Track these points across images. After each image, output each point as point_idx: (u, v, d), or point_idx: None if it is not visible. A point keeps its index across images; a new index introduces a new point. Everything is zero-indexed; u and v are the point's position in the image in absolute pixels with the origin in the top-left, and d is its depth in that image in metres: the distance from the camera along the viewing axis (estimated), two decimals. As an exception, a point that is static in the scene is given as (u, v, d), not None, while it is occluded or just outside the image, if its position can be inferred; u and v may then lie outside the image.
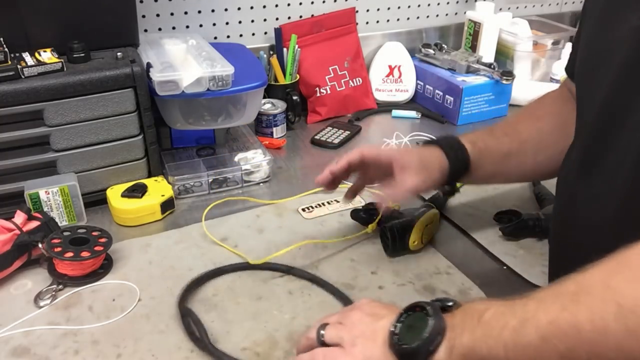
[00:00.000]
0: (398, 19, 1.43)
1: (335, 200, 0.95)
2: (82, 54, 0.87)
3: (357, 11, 1.36)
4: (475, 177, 0.78)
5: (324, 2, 1.31)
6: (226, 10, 1.23)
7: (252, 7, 1.25)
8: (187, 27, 1.20)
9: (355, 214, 0.88)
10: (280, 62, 1.22)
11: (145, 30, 1.16)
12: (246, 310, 0.71)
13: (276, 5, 1.27)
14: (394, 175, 0.74)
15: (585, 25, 0.67)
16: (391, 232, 0.80)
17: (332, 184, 0.79)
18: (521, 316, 0.46)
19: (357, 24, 1.36)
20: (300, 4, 1.29)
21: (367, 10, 1.38)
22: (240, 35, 1.27)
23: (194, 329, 0.66)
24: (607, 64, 0.57)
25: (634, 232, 0.51)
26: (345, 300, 0.72)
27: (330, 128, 1.23)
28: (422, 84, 1.37)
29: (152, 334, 0.67)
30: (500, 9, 1.51)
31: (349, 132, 1.21)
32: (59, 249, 0.74)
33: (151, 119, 0.92)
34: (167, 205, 0.91)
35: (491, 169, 0.77)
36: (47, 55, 0.84)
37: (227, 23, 1.24)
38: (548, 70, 1.42)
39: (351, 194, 0.84)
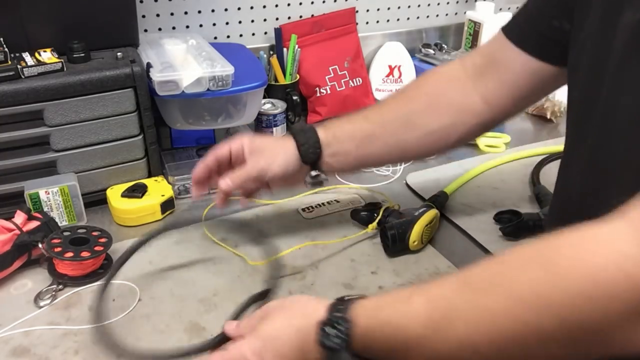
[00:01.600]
0: (398, 19, 1.43)
1: (335, 201, 0.95)
2: (82, 54, 0.87)
3: (357, 11, 1.36)
4: (336, 161, 0.77)
5: (324, 2, 1.31)
6: (226, 10, 1.23)
7: (252, 7, 1.25)
8: (187, 27, 1.20)
9: (355, 214, 0.88)
10: (280, 62, 1.22)
11: (145, 30, 1.16)
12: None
13: (276, 5, 1.27)
14: (245, 160, 0.75)
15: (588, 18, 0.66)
16: (391, 232, 0.80)
17: (205, 182, 0.79)
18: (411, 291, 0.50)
19: (357, 24, 1.36)
20: (300, 4, 1.29)
21: (367, 10, 1.38)
22: (240, 35, 1.27)
23: None
24: (604, 59, 0.57)
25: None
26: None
27: (330, 128, 1.23)
28: (422, 84, 1.37)
29: (152, 334, 0.67)
30: (500, 9, 1.51)
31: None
32: (59, 249, 0.74)
33: (151, 119, 0.92)
34: (167, 205, 0.91)
35: (352, 153, 0.77)
36: (47, 55, 0.84)
37: (227, 23, 1.24)
38: (548, 70, 1.41)
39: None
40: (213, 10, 1.21)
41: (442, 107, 0.76)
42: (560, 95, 1.24)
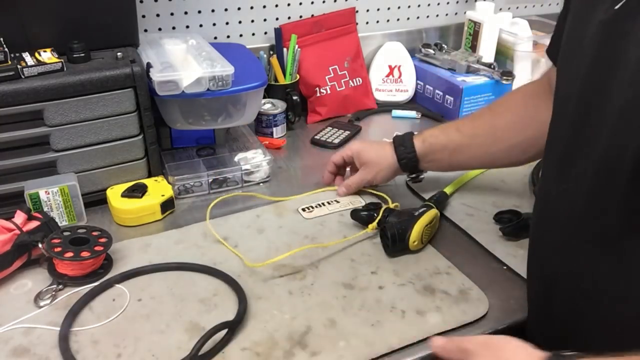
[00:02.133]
0: (398, 19, 1.43)
1: (335, 201, 0.95)
2: (82, 54, 0.86)
3: (357, 11, 1.36)
4: (433, 166, 0.93)
5: (324, 2, 1.31)
6: (226, 10, 1.23)
7: (252, 7, 1.25)
8: (187, 27, 1.20)
9: (355, 214, 0.88)
10: (280, 62, 1.22)
11: (145, 30, 1.16)
12: (246, 310, 0.71)
13: (276, 5, 1.27)
14: (357, 167, 0.95)
15: (568, 14, 0.67)
16: (391, 232, 0.80)
17: (332, 182, 0.99)
18: None
19: (357, 24, 1.36)
20: (300, 4, 1.29)
21: (367, 10, 1.38)
22: (240, 35, 1.27)
23: None
24: (580, 58, 0.58)
25: (597, 229, 0.56)
26: (239, 291, 0.73)
27: (330, 128, 1.23)
28: (422, 84, 1.37)
29: (152, 334, 0.67)
30: (500, 9, 1.51)
31: (349, 132, 1.21)
32: (59, 249, 0.74)
33: (151, 119, 0.92)
34: (167, 205, 0.91)
35: (445, 160, 0.90)
36: (47, 55, 0.84)
37: (227, 23, 1.24)
38: (548, 70, 1.41)
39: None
40: (213, 10, 1.21)
41: (525, 122, 0.83)
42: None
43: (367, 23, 1.40)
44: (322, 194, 0.97)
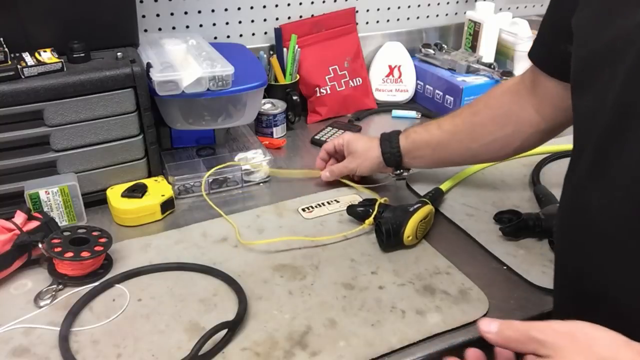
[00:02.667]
0: (398, 19, 1.43)
1: (335, 200, 0.95)
2: (82, 54, 0.86)
3: (357, 11, 1.36)
4: (417, 163, 0.96)
5: (324, 2, 1.31)
6: (226, 10, 1.23)
7: (252, 7, 1.25)
8: (187, 27, 1.20)
9: (351, 209, 0.89)
10: (280, 62, 1.22)
11: (145, 30, 1.16)
12: (246, 310, 0.71)
13: (276, 5, 1.27)
14: (344, 156, 1.00)
15: (579, 22, 0.64)
16: (386, 227, 0.81)
17: (324, 167, 1.03)
18: None
19: (357, 24, 1.36)
20: (300, 4, 1.29)
21: (367, 10, 1.38)
22: (240, 35, 1.27)
23: None
24: (615, 63, 0.54)
25: None
26: (238, 291, 0.73)
27: (330, 128, 1.23)
28: (422, 84, 1.37)
29: (152, 334, 0.67)
30: (500, 9, 1.51)
31: (349, 132, 1.21)
32: (59, 249, 0.74)
33: (151, 119, 0.92)
34: (167, 205, 0.91)
35: (428, 156, 0.93)
36: (47, 55, 0.84)
37: (227, 23, 1.24)
38: (548, 70, 1.41)
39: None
40: (213, 10, 1.22)
41: (503, 119, 0.86)
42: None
43: (367, 23, 1.40)
44: (322, 194, 0.97)
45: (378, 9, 1.40)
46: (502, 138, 0.86)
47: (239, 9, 1.24)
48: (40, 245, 0.75)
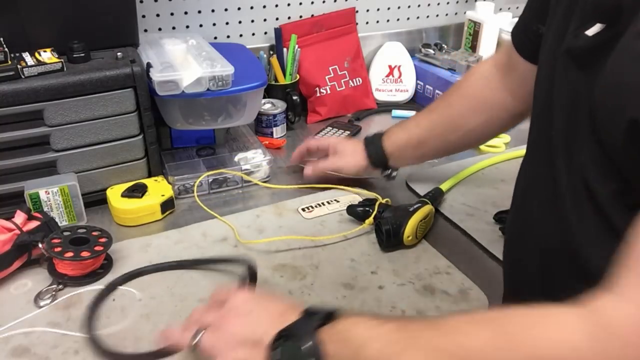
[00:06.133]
0: (398, 19, 1.43)
1: (335, 200, 0.95)
2: (82, 54, 0.86)
3: (357, 11, 1.36)
4: (403, 162, 0.96)
5: (324, 2, 1.31)
6: (226, 10, 1.23)
7: (252, 7, 1.25)
8: (187, 27, 1.20)
9: (351, 209, 0.89)
10: (280, 62, 1.22)
11: (145, 30, 1.16)
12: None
13: (276, 5, 1.27)
14: (329, 156, 0.98)
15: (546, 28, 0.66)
16: (386, 227, 0.81)
17: (299, 160, 1.04)
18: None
19: (357, 24, 1.36)
20: (300, 4, 1.29)
21: (367, 10, 1.38)
22: (240, 35, 1.27)
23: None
24: (549, 75, 0.58)
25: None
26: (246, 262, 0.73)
27: (330, 128, 1.23)
28: (422, 84, 1.37)
29: (152, 334, 0.67)
30: (500, 9, 1.51)
31: (349, 132, 1.21)
32: (59, 249, 0.74)
33: (151, 119, 0.92)
34: (167, 205, 0.91)
35: (410, 154, 0.94)
36: (47, 55, 0.84)
37: (227, 23, 1.24)
38: (548, 70, 1.41)
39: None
40: (213, 10, 1.22)
41: (478, 106, 0.86)
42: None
43: (367, 23, 1.40)
44: (322, 194, 0.97)
45: (378, 9, 1.40)
46: (479, 126, 0.87)
47: (239, 9, 1.24)
48: (40, 245, 0.75)
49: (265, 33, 1.28)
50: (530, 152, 0.66)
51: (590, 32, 0.51)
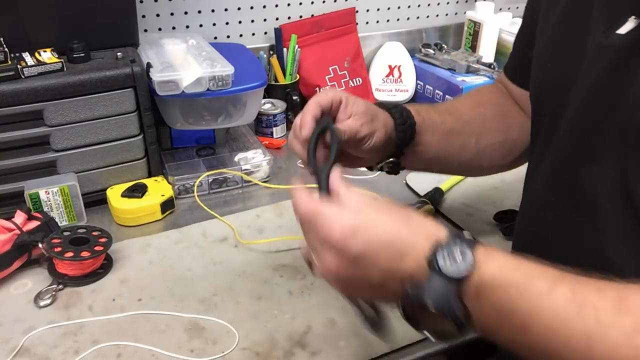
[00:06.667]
0: (398, 19, 1.43)
1: (335, 200, 0.95)
2: (82, 54, 0.87)
3: (357, 11, 1.36)
4: (419, 151, 0.71)
5: (324, 2, 1.31)
6: (226, 10, 1.23)
7: (252, 7, 1.25)
8: (187, 27, 1.20)
9: None
10: (280, 62, 1.22)
11: (145, 30, 1.16)
12: (246, 310, 0.71)
13: (276, 5, 1.27)
14: (339, 113, 0.64)
15: (537, 41, 0.66)
16: None
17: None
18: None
19: (357, 24, 1.36)
20: (300, 4, 1.29)
21: (367, 10, 1.38)
22: (240, 35, 1.27)
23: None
24: (572, 84, 0.56)
25: None
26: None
27: (330, 128, 1.23)
28: (422, 84, 1.37)
29: (152, 334, 0.67)
30: (500, 9, 1.51)
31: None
32: (59, 249, 0.74)
33: (151, 119, 0.92)
34: (167, 205, 0.91)
35: (435, 144, 0.71)
36: (47, 55, 0.84)
37: (227, 23, 1.24)
38: (548, 70, 1.41)
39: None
40: (213, 10, 1.22)
41: (507, 119, 0.75)
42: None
43: (367, 23, 1.40)
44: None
45: (378, 9, 1.40)
46: (505, 142, 0.75)
47: (239, 9, 1.24)
48: (40, 245, 0.75)
49: (265, 33, 1.28)
50: (539, 163, 0.63)
51: (623, 29, 0.49)
